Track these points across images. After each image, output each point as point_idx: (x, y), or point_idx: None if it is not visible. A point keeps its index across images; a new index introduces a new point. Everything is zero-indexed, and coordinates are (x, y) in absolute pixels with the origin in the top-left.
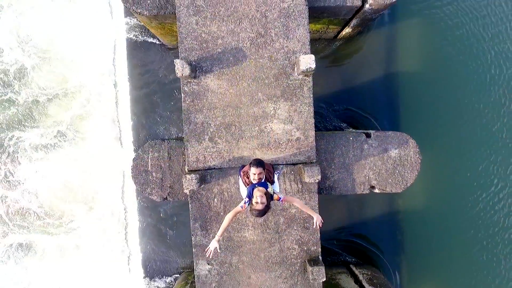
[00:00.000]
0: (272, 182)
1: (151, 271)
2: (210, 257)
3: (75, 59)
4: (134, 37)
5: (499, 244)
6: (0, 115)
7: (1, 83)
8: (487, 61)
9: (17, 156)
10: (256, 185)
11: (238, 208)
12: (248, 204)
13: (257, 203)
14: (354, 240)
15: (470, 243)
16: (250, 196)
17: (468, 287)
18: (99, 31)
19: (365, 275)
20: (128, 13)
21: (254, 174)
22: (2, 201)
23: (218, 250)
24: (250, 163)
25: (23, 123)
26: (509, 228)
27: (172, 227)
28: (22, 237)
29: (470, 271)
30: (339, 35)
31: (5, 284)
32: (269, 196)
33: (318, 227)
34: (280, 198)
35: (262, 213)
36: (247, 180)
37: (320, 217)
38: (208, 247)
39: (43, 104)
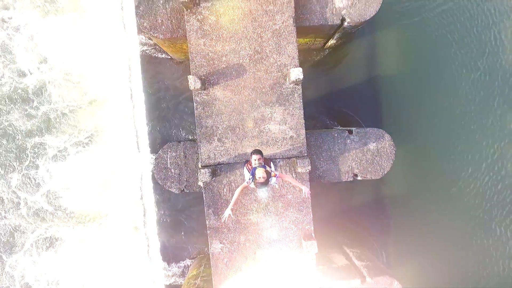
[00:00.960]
0: (270, 167)
1: (169, 258)
2: (225, 222)
3: (93, 73)
4: (146, 52)
5: (475, 226)
6: (24, 125)
7: (22, 99)
8: (456, 63)
9: (38, 159)
10: (257, 167)
11: (244, 184)
12: (252, 180)
13: (259, 177)
14: (346, 223)
15: (449, 224)
16: (253, 174)
17: (447, 264)
18: (115, 47)
19: (355, 253)
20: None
21: (255, 160)
22: (26, 202)
23: (232, 216)
24: (252, 152)
25: (43, 131)
26: (483, 210)
27: (186, 219)
28: (46, 232)
29: (450, 249)
30: (326, 45)
31: (30, 277)
32: (268, 173)
33: (306, 196)
34: (276, 175)
35: (264, 185)
36: (250, 167)
37: (308, 189)
38: (223, 215)
39: (64, 115)
